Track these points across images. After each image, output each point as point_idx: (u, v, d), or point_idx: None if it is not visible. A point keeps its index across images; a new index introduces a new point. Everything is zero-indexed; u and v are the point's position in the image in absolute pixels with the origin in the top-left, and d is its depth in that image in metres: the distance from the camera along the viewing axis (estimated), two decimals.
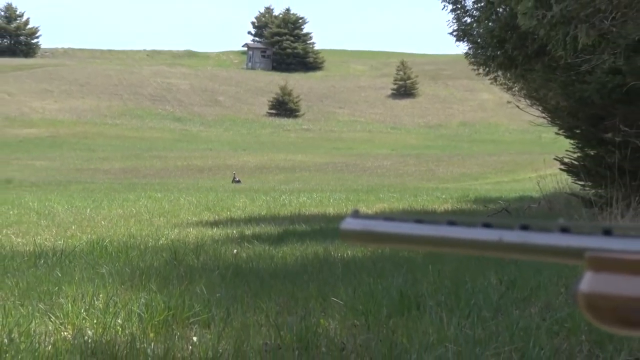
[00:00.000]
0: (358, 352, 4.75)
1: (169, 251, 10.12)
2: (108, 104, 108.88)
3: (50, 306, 6.10)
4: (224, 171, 53.67)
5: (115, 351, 4.78)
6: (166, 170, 56.67)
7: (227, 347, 4.89)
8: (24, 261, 9.04)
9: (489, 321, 5.45)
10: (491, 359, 4.44)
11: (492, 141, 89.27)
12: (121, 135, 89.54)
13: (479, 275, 7.21)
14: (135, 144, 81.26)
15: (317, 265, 8.60)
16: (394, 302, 6.00)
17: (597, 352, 4.56)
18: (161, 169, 57.98)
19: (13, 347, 4.80)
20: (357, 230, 0.94)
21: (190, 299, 6.27)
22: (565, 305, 5.68)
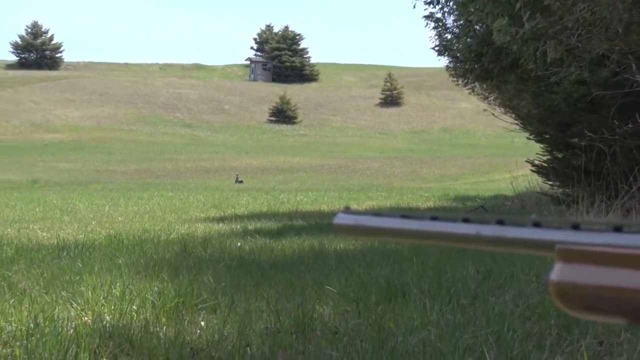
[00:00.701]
0: (350, 336, 4.75)
1: (179, 244, 10.11)
2: (124, 111, 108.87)
3: (72, 294, 6.09)
4: (229, 172, 53.67)
5: (131, 335, 4.77)
6: (177, 172, 56.68)
7: (231, 330, 4.89)
8: (48, 253, 9.02)
9: (467, 307, 5.45)
10: (469, 341, 4.43)
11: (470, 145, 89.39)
12: (136, 140, 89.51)
13: (459, 266, 7.22)
14: (149, 147, 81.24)
15: (312, 257, 8.60)
16: (382, 290, 6.00)
17: (565, 336, 4.56)
18: (172, 170, 57.97)
19: (38, 331, 4.79)
20: (348, 224, 0.94)
21: (199, 288, 6.27)
22: (536, 293, 5.68)
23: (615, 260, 0.65)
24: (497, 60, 17.17)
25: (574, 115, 16.69)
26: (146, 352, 4.37)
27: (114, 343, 4.61)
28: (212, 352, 4.43)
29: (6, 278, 6.97)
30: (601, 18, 11.15)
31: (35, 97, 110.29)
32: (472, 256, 7.55)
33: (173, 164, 62.74)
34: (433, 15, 19.60)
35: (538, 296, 5.52)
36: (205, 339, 4.75)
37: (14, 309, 5.41)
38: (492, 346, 4.32)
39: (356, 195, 28.57)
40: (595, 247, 0.67)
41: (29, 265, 7.85)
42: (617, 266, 0.65)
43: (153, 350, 4.39)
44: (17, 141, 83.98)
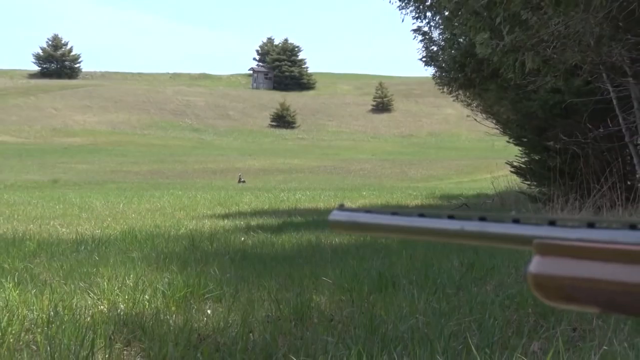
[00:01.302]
0: (344, 323, 4.75)
1: (187, 239, 10.11)
2: (138, 117, 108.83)
3: (89, 284, 6.09)
4: (234, 173, 53.63)
5: (143, 322, 4.77)
6: (185, 172, 56.64)
7: (235, 318, 4.89)
8: (67, 247, 9.02)
9: (452, 297, 5.45)
10: (454, 328, 4.44)
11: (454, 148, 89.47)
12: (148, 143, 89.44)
13: (444, 259, 7.22)
14: (160, 150, 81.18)
15: (310, 251, 8.60)
16: (374, 281, 6.00)
17: (542, 323, 4.56)
18: (181, 171, 57.94)
19: (58, 318, 4.79)
20: (342, 220, 0.94)
21: (205, 279, 6.26)
22: (515, 284, 5.69)
23: (589, 253, 0.65)
24: (479, 70, 17.20)
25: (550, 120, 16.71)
26: (157, 338, 4.36)
27: (128, 330, 4.61)
28: (217, 338, 4.43)
29: (29, 270, 6.97)
30: (574, 31, 11.16)
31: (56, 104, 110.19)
32: (456, 250, 7.55)
33: (182, 165, 62.73)
34: (420, 29, 19.64)
35: (517, 287, 5.53)
36: (211, 325, 4.75)
37: (36, 298, 5.41)
38: (474, 332, 4.32)
39: (350, 194, 28.58)
40: (570, 242, 0.67)
41: (49, 258, 7.86)
42: (590, 259, 0.65)
43: (163, 336, 4.39)
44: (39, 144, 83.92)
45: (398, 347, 3.94)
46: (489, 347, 3.84)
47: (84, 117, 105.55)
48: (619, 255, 0.63)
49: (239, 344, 4.25)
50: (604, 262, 0.64)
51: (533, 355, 3.68)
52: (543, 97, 15.54)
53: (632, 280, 0.62)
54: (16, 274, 6.65)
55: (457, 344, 4.01)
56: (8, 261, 7.45)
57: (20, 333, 4.49)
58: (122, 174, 54.03)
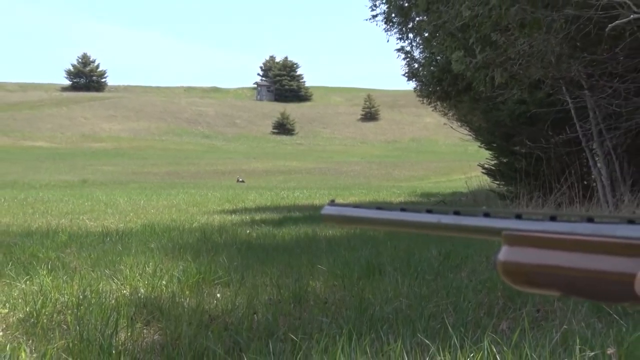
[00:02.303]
0: (337, 305, 4.75)
1: (199, 232, 10.11)
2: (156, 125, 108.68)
3: (114, 271, 6.08)
4: (240, 174, 53.59)
5: (161, 304, 4.76)
6: (198, 173, 56.56)
7: (241, 301, 4.88)
8: (95, 239, 9.01)
9: (431, 282, 5.45)
10: (433, 309, 4.43)
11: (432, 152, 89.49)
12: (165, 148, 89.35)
13: (424, 249, 7.22)
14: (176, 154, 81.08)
15: (307, 242, 8.59)
16: (363, 269, 6.00)
17: (510, 305, 4.56)
18: (194, 172, 57.86)
19: (86, 301, 4.78)
20: (333, 214, 0.94)
21: (215, 267, 6.25)
22: (486, 271, 5.69)
23: (551, 243, 0.65)
24: (454, 84, 17.21)
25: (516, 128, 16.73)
26: (173, 318, 4.36)
27: (147, 311, 4.60)
28: (226, 319, 4.42)
29: (60, 259, 6.96)
30: (538, 50, 11.18)
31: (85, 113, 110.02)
32: (435, 241, 7.55)
33: (195, 167, 62.66)
34: (403, 48, 19.66)
35: (488, 273, 5.53)
36: (220, 307, 4.74)
37: (67, 284, 5.40)
38: (450, 313, 4.32)
39: (342, 192, 28.58)
40: (534, 233, 0.67)
41: (79, 249, 7.84)
42: (552, 248, 0.65)
43: (179, 317, 4.38)
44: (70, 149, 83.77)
45: (384, 326, 3.94)
46: (463, 326, 3.84)
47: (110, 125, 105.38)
48: (578, 245, 0.63)
49: (245, 323, 4.24)
50: (564, 251, 0.64)
51: (502, 334, 3.68)
52: (510, 107, 15.56)
53: (589, 267, 0.61)
54: (49, 262, 6.64)
55: (435, 324, 4.01)
56: (42, 251, 7.45)
57: (52, 314, 4.48)
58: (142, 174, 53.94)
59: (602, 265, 0.60)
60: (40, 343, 3.84)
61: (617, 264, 0.59)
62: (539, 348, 3.22)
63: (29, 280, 5.60)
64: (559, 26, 10.33)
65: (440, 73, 17.54)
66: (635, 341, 3.32)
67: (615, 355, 2.76)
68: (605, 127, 13.44)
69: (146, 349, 3.85)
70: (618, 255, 0.59)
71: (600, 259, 0.61)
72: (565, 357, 3.09)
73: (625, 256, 0.59)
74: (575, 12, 9.63)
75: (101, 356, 3.50)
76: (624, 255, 0.59)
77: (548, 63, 11.73)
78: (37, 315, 4.40)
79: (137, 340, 4.00)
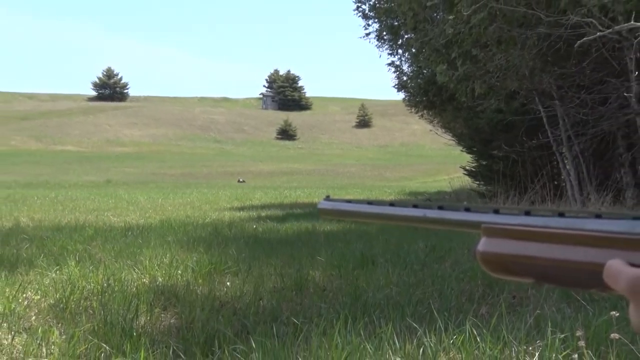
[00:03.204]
0: (334, 292, 4.74)
1: (211, 226, 10.10)
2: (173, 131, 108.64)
3: (135, 262, 6.07)
4: (247, 175, 53.60)
5: (177, 291, 4.75)
6: (210, 174, 56.56)
7: (249, 288, 4.88)
8: (118, 233, 9.00)
9: (418, 272, 5.45)
10: (420, 296, 4.43)
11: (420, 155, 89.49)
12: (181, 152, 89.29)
13: (412, 242, 7.22)
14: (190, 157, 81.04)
15: (307, 236, 8.59)
16: (357, 260, 6.00)
17: (488, 292, 4.56)
18: (207, 173, 57.84)
19: (110, 288, 4.77)
20: (328, 208, 0.94)
21: (225, 258, 6.25)
22: (468, 262, 5.69)
23: (526, 235, 0.64)
24: (439, 94, 17.22)
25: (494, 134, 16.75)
26: (187, 304, 4.35)
27: (165, 297, 4.60)
28: (235, 304, 4.42)
29: (87, 251, 6.95)
30: (513, 65, 11.18)
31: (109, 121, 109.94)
32: (421, 235, 7.55)
33: (207, 169, 62.65)
34: (393, 62, 19.71)
35: (469, 264, 5.53)
36: (230, 294, 4.73)
37: (92, 273, 5.39)
38: (436, 299, 4.32)
39: (339, 191, 28.56)
40: (510, 226, 0.66)
41: (104, 242, 7.84)
42: (526, 240, 0.64)
43: (192, 302, 4.37)
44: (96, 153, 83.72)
45: (376, 311, 3.93)
46: (447, 311, 3.84)
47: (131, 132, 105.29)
48: (550, 237, 0.62)
49: (252, 308, 4.24)
50: (538, 242, 0.63)
51: (482, 318, 3.68)
52: (489, 115, 15.58)
53: (560, 257, 0.61)
54: (77, 254, 6.63)
55: (422, 309, 4.01)
56: (71, 244, 7.44)
57: (80, 300, 4.47)
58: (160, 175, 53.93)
59: (572, 255, 0.60)
60: (69, 326, 3.83)
61: (587, 254, 0.59)
62: (514, 331, 3.22)
63: (59, 270, 5.59)
64: (532, 43, 10.34)
65: (427, 85, 17.56)
66: (601, 324, 3.31)
67: (583, 337, 2.76)
68: (573, 134, 13.45)
69: (163, 331, 3.84)
70: (587, 247, 0.59)
71: (571, 250, 0.60)
72: (539, 339, 3.08)
73: (594, 247, 0.58)
74: (547, 31, 9.63)
75: (123, 338, 3.49)
76: (593, 247, 0.58)
77: (522, 76, 11.75)
78: (66, 301, 4.40)
79: (156, 324, 4.00)
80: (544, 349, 2.89)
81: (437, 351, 2.95)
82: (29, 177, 46.75)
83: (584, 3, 7.83)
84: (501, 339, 3.05)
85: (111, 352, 3.24)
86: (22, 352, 3.36)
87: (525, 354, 2.93)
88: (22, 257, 6.48)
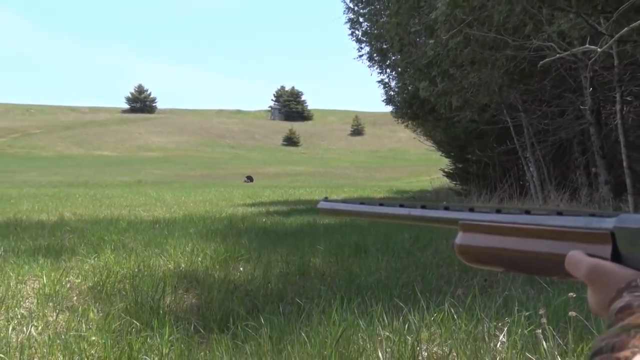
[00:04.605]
0: (332, 276, 4.74)
1: (227, 220, 10.09)
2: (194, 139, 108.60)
3: (161, 250, 6.07)
4: (256, 175, 53.56)
5: (197, 275, 4.75)
6: (226, 176, 56.50)
7: (259, 273, 4.87)
8: (147, 225, 8.99)
9: (404, 259, 5.44)
10: (405, 280, 4.43)
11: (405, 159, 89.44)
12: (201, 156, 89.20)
13: (399, 234, 7.22)
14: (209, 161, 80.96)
15: (309, 228, 8.59)
16: (352, 249, 6.00)
17: (464, 276, 4.56)
18: (223, 175, 57.81)
19: (140, 273, 4.77)
20: (326, 208, 0.94)
21: (239, 247, 6.25)
22: (446, 251, 5.69)
23: (497, 230, 0.64)
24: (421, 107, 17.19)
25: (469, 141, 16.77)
26: (206, 286, 4.34)
27: (187, 281, 4.59)
28: (247, 287, 4.41)
29: (121, 241, 6.94)
30: (485, 82, 11.18)
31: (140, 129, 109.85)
32: (407, 228, 7.54)
33: (223, 171, 62.62)
34: (383, 80, 19.70)
35: (447, 252, 5.52)
36: (242, 278, 4.73)
37: (125, 260, 5.39)
38: (419, 282, 4.31)
39: (335, 190, 28.55)
40: (483, 222, 0.66)
41: (135, 233, 7.83)
42: (497, 234, 0.64)
43: (211, 285, 4.37)
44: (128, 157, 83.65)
45: (368, 292, 3.93)
46: (428, 292, 3.83)
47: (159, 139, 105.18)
48: (518, 232, 0.62)
49: (261, 290, 4.23)
50: (508, 236, 0.63)
51: (458, 298, 3.67)
52: (464, 125, 15.58)
53: (527, 249, 0.61)
54: (112, 243, 6.63)
55: (407, 290, 4.00)
56: (107, 235, 7.43)
57: (115, 283, 4.47)
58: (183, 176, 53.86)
59: (537, 247, 0.60)
60: (105, 305, 3.83)
61: (550, 246, 0.58)
62: (486, 309, 3.21)
63: (97, 257, 5.59)
64: (501, 63, 10.33)
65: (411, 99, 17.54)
66: (560, 304, 3.31)
67: (545, 315, 2.75)
68: (536, 141, 13.46)
69: (186, 309, 3.84)
70: (550, 240, 0.58)
71: (536, 243, 0.60)
72: (507, 316, 3.08)
73: (556, 240, 0.58)
74: (513, 53, 9.62)
75: (151, 315, 3.49)
76: (555, 240, 0.58)
77: (493, 91, 11.74)
78: (103, 284, 4.39)
79: (179, 303, 3.99)
80: (511, 325, 2.88)
81: (420, 327, 2.95)
82: (72, 177, 46.74)
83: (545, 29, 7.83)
84: (475, 316, 3.04)
85: (141, 327, 3.24)
86: (65, 327, 3.36)
87: (495, 329, 2.93)
88: (66, 246, 6.47)
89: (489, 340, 2.80)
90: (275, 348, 2.80)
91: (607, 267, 0.52)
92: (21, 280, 4.56)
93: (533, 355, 2.56)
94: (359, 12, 18.25)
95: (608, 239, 0.53)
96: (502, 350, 2.68)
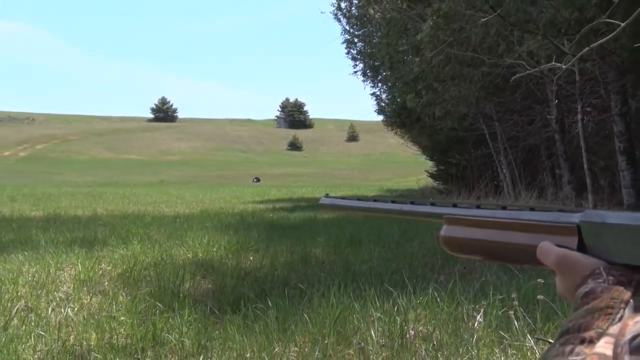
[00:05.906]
0: (330, 264, 4.73)
1: (238, 215, 10.08)
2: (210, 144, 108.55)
3: (181, 242, 6.06)
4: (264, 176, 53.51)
5: (212, 264, 4.74)
6: (238, 176, 56.42)
7: (266, 262, 4.86)
8: (169, 220, 8.98)
9: (393, 249, 5.44)
10: (395, 267, 4.42)
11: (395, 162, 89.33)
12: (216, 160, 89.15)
13: (389, 227, 7.21)
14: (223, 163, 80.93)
15: (310, 223, 8.59)
16: (348, 240, 5.99)
17: (446, 264, 4.55)
18: (235, 176, 57.75)
19: (163, 261, 4.76)
20: (327, 203, 0.93)
21: (249, 239, 6.24)
22: (431, 242, 5.68)
23: (477, 224, 0.64)
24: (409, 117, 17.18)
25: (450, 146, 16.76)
26: (220, 273, 4.34)
27: (204, 268, 4.58)
28: (256, 274, 4.40)
29: (146, 233, 6.93)
30: (464, 94, 11.17)
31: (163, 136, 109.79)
32: (396, 222, 7.54)
33: (235, 172, 62.58)
34: (375, 93, 19.72)
35: (432, 243, 5.52)
36: (252, 266, 4.72)
37: (150, 250, 5.38)
38: (406, 270, 4.30)
39: (334, 189, 28.55)
40: (465, 216, 0.66)
41: (159, 226, 7.82)
42: (477, 227, 0.64)
43: (224, 272, 4.36)
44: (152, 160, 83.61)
45: (362, 279, 3.92)
46: (415, 278, 3.83)
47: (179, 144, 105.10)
48: (494, 225, 0.62)
49: (269, 276, 4.23)
50: (486, 229, 0.63)
51: (441, 283, 3.67)
52: (446, 132, 15.56)
53: (503, 240, 0.60)
54: (139, 235, 6.62)
55: (396, 277, 4.00)
56: (134, 228, 7.42)
57: (141, 270, 4.46)
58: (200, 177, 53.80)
59: (512, 239, 0.59)
60: (132, 290, 3.82)
61: (523, 238, 0.58)
62: (465, 293, 3.20)
63: (125, 247, 5.58)
64: (477, 79, 10.33)
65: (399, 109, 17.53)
66: (529, 288, 3.30)
67: (516, 298, 2.75)
68: (508, 146, 13.45)
69: (202, 293, 3.83)
70: (524, 232, 0.58)
71: (512, 235, 0.59)
72: (483, 299, 3.07)
73: (529, 232, 0.58)
74: (489, 69, 9.62)
75: (173, 299, 3.48)
76: (528, 232, 0.58)
77: (470, 103, 11.74)
78: (131, 271, 4.39)
79: (197, 288, 3.99)
80: (487, 307, 2.88)
81: (408, 309, 2.94)
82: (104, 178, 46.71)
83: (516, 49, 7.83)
84: (455, 299, 3.04)
85: (163, 309, 3.23)
86: (98, 309, 3.35)
87: (473, 311, 2.92)
88: (98, 238, 6.47)
89: (467, 320, 2.80)
90: (281, 327, 2.80)
91: (574, 256, 0.52)
92: (59, 267, 4.55)
93: (506, 333, 2.56)
94: (354, 34, 18.26)
95: (574, 231, 0.53)
96: (479, 329, 2.68)
